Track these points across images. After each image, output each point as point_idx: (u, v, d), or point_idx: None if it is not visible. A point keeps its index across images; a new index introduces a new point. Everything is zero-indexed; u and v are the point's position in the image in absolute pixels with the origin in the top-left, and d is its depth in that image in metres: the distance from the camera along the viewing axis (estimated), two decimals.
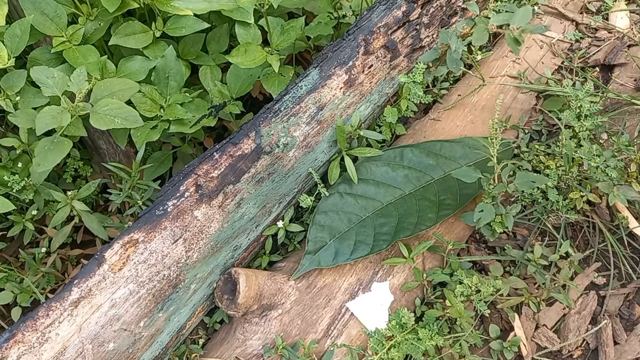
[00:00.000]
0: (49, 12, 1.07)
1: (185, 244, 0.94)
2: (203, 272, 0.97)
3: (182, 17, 1.13)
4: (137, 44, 1.11)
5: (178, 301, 0.94)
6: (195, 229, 0.95)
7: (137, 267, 0.90)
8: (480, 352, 1.03)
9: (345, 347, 0.98)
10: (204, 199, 0.97)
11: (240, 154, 1.01)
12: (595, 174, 1.08)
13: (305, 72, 1.11)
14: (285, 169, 1.06)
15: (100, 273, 0.87)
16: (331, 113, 1.11)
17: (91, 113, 1.01)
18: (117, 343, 0.87)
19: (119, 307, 0.87)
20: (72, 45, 1.07)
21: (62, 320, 0.83)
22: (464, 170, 1.10)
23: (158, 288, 0.91)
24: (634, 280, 1.10)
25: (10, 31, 1.03)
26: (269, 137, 1.04)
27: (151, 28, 1.14)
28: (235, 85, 1.20)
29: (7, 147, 1.15)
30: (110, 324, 0.86)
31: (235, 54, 1.10)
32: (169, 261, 0.92)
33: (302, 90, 1.09)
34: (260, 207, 1.05)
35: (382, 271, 1.06)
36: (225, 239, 1.00)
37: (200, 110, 1.19)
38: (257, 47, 1.12)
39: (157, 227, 0.92)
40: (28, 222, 1.16)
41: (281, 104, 1.07)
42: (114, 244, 0.90)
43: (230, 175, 1.00)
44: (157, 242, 0.92)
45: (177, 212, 0.94)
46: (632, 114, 1.24)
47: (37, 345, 0.81)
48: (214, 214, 0.97)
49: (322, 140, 1.11)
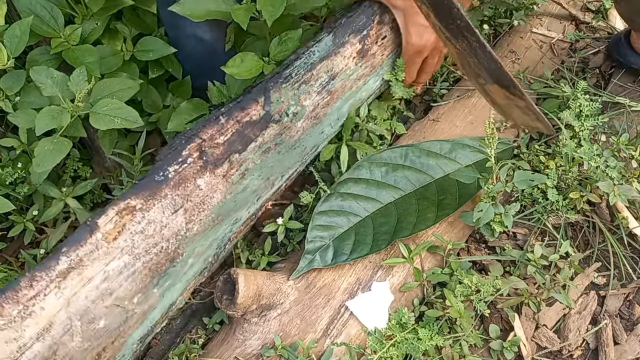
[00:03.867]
0: (44, 14, 1.07)
1: (186, 215, 0.85)
2: (202, 246, 0.90)
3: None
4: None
5: (174, 276, 0.87)
6: (198, 199, 0.87)
7: (134, 238, 0.81)
8: (480, 352, 1.03)
9: (345, 346, 0.98)
10: (208, 166, 0.88)
11: (248, 120, 0.93)
12: (596, 174, 1.08)
13: (317, 37, 1.04)
14: (292, 141, 0.99)
15: (93, 242, 0.77)
16: (342, 84, 1.05)
17: (91, 113, 1.01)
18: (109, 320, 0.79)
19: (112, 280, 0.79)
20: (71, 45, 1.07)
21: (48, 293, 0.74)
22: (463, 171, 1.10)
23: (155, 261, 0.83)
24: (634, 280, 1.09)
25: (9, 32, 1.03)
26: (279, 104, 0.96)
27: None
28: (234, 85, 1.20)
29: (7, 148, 1.15)
30: (101, 299, 0.78)
31: (231, 64, 1.09)
32: (168, 233, 0.84)
33: (315, 57, 1.02)
34: (264, 179, 0.97)
35: (382, 271, 1.06)
36: (227, 212, 0.92)
37: (200, 109, 1.19)
38: (254, 57, 1.11)
39: (156, 194, 0.84)
40: (29, 223, 1.16)
41: (292, 69, 1.00)
42: (108, 210, 0.80)
43: (237, 142, 0.92)
44: (156, 210, 0.83)
45: (179, 179, 0.86)
46: (632, 114, 1.24)
47: (19, 319, 0.72)
48: (218, 183, 0.89)
49: (330, 113, 1.04)
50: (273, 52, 1.12)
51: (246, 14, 1.03)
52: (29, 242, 1.17)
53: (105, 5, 1.08)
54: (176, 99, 1.25)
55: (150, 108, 1.23)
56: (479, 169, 1.11)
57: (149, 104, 1.22)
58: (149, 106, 1.22)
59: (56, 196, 1.11)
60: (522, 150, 1.21)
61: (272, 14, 1.00)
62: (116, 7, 1.10)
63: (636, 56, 1.28)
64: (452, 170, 1.15)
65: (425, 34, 1.04)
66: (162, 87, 1.25)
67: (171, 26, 1.18)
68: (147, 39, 1.16)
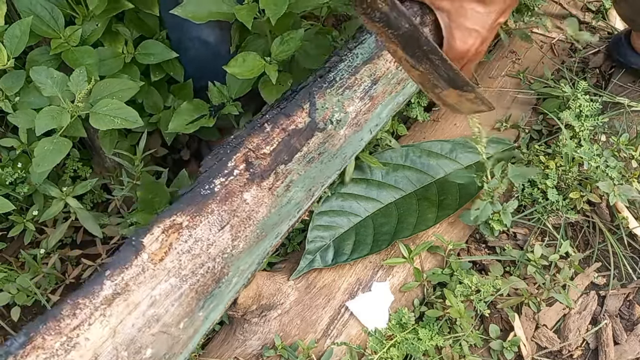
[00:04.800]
0: (45, 15, 1.06)
1: (232, 232, 0.80)
2: (245, 264, 0.84)
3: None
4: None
5: (219, 297, 0.81)
6: (244, 214, 0.82)
7: (181, 258, 0.75)
8: (480, 352, 1.03)
9: (345, 346, 0.98)
10: (255, 179, 0.83)
11: (294, 129, 0.88)
12: (596, 174, 1.08)
13: (358, 38, 0.99)
14: (334, 149, 0.94)
15: (139, 264, 0.72)
16: (383, 88, 0.99)
17: (90, 113, 1.01)
18: (155, 348, 0.73)
19: (159, 305, 0.73)
20: (70, 46, 1.07)
21: (93, 322, 0.68)
22: (463, 171, 1.11)
23: (201, 283, 0.77)
24: (634, 280, 1.09)
25: (9, 32, 1.03)
26: (323, 111, 0.91)
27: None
28: (234, 85, 1.19)
29: (7, 148, 1.15)
30: (148, 326, 0.72)
31: (233, 64, 1.09)
32: (215, 251, 0.78)
33: (358, 60, 0.96)
34: (306, 190, 0.92)
35: (382, 271, 1.06)
36: (271, 226, 0.87)
37: (200, 109, 1.19)
38: (256, 56, 1.10)
39: (203, 209, 0.79)
40: (29, 223, 1.16)
41: (336, 72, 0.94)
42: (154, 228, 0.75)
43: (284, 153, 0.86)
44: (202, 228, 0.77)
45: (226, 192, 0.81)
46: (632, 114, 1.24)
47: (62, 352, 0.65)
48: (264, 197, 0.84)
49: (371, 119, 0.99)
50: (275, 51, 1.12)
51: (249, 14, 1.03)
52: (29, 242, 1.17)
53: (106, 7, 1.08)
54: (177, 100, 1.25)
55: (152, 109, 1.22)
56: (479, 169, 1.11)
57: (150, 105, 1.22)
58: (150, 107, 1.22)
59: (56, 196, 1.11)
60: (522, 151, 1.21)
61: (276, 12, 1.00)
62: (117, 10, 1.09)
63: (636, 56, 1.28)
64: (452, 171, 1.15)
65: (469, 39, 1.02)
66: (163, 89, 1.25)
67: (174, 29, 1.17)
68: (149, 42, 1.16)
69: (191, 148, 1.44)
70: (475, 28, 0.92)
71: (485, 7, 0.92)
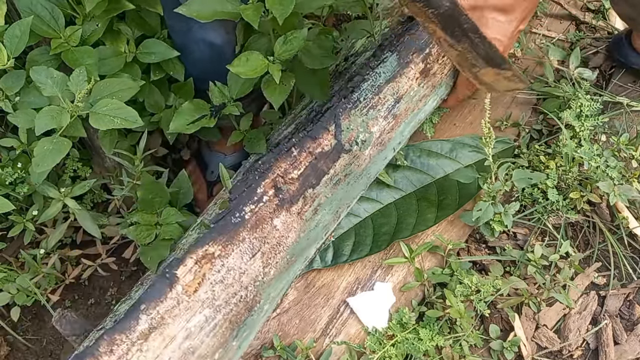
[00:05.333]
0: (45, 14, 1.06)
1: (263, 259, 0.81)
2: (275, 290, 0.85)
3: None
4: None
5: (251, 325, 0.81)
6: (274, 240, 0.83)
7: (214, 288, 0.76)
8: (480, 352, 1.03)
9: (345, 345, 0.98)
10: (284, 204, 0.84)
11: (321, 152, 0.89)
12: (596, 174, 1.08)
13: (379, 56, 0.99)
14: (359, 170, 0.95)
15: (174, 296, 0.73)
16: (406, 106, 1.00)
17: (90, 113, 1.01)
18: None
19: (194, 337, 0.74)
20: (71, 46, 1.07)
21: (130, 358, 0.69)
22: (463, 171, 1.10)
23: (235, 312, 0.78)
24: (634, 280, 1.09)
25: (9, 32, 1.03)
26: (349, 132, 0.91)
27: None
28: (235, 85, 1.19)
29: (7, 148, 1.15)
30: (184, 359, 0.73)
31: (236, 63, 1.09)
32: (247, 279, 0.80)
33: (381, 79, 0.97)
34: (333, 212, 0.93)
35: (381, 271, 1.06)
36: (300, 251, 0.88)
37: (202, 110, 1.19)
38: (259, 56, 1.10)
39: (234, 238, 0.80)
40: (29, 223, 1.16)
41: (360, 93, 0.94)
42: (186, 259, 0.76)
43: (312, 177, 0.87)
44: (234, 257, 0.79)
45: (256, 220, 0.82)
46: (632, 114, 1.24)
47: None
48: (293, 222, 0.85)
49: (394, 137, 1.00)
50: (278, 51, 1.12)
51: (255, 13, 1.03)
52: (29, 242, 1.17)
53: (106, 8, 1.08)
54: (179, 100, 1.25)
55: (153, 108, 1.22)
56: (479, 169, 1.11)
57: (152, 104, 1.22)
58: (151, 106, 1.22)
59: (55, 196, 1.10)
60: (522, 150, 1.21)
61: (283, 13, 1.00)
62: (117, 10, 1.09)
63: (637, 56, 1.28)
64: (452, 170, 1.15)
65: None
66: (164, 88, 1.25)
67: (179, 31, 1.17)
68: (150, 41, 1.15)
69: (191, 148, 1.44)
70: (497, 37, 0.94)
71: (507, 16, 0.94)
